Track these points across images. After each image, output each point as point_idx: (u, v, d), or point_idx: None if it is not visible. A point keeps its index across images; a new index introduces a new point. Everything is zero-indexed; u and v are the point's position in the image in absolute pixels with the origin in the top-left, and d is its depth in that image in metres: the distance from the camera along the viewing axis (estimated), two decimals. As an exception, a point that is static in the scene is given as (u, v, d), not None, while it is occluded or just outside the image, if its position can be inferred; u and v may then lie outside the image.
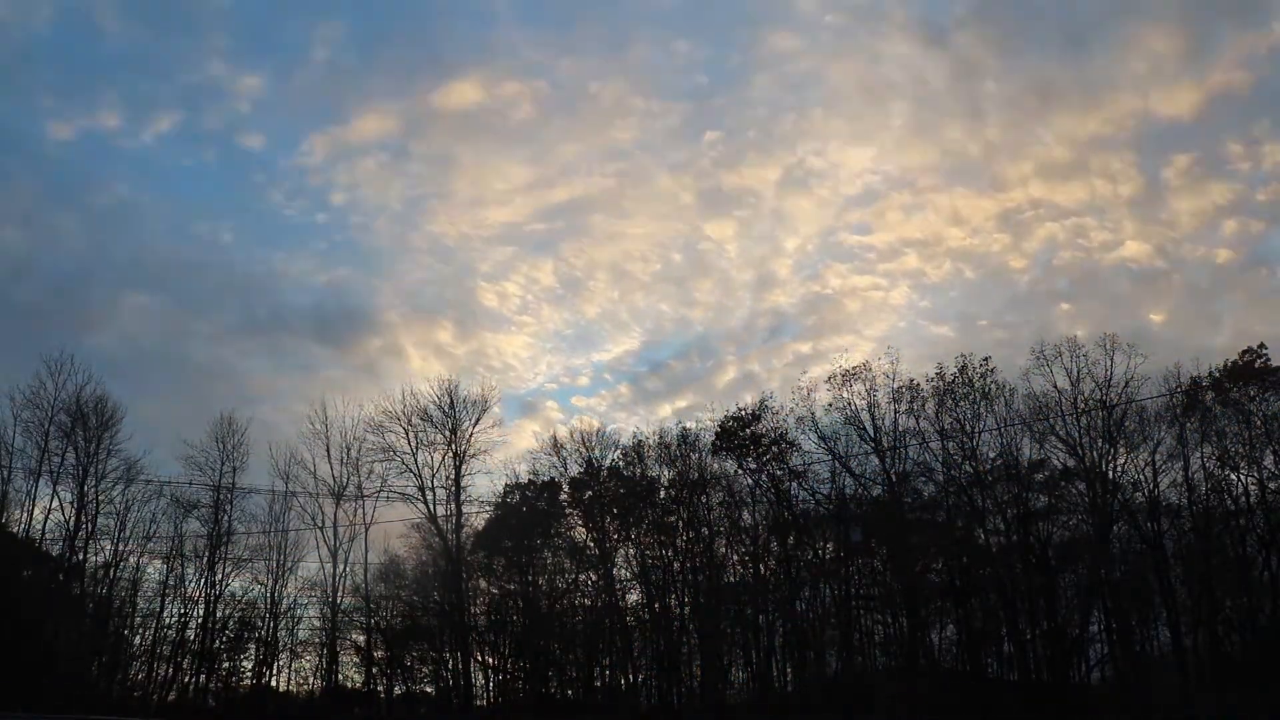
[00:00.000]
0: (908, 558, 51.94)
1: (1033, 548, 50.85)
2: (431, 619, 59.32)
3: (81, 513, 54.01)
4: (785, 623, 56.21)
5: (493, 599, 61.66)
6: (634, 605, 59.84)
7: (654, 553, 58.87)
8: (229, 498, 57.70)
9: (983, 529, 52.75)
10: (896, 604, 54.01)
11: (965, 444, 52.34)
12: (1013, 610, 51.19)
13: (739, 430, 56.99)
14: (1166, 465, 49.55)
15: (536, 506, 61.48)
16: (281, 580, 57.95)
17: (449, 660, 59.53)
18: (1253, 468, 48.76)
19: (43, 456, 53.64)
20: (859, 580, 56.66)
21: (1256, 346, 50.41)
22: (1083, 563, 50.88)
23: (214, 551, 56.99)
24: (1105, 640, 51.14)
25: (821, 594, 56.44)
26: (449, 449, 57.99)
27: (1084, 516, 50.79)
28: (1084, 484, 50.53)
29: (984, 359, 52.46)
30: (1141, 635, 52.01)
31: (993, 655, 53.62)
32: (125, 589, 56.48)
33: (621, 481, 59.76)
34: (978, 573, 51.77)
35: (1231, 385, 49.54)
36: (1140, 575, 49.92)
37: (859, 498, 55.51)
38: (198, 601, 57.07)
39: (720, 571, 58.20)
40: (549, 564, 61.22)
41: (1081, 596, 51.13)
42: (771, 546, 57.77)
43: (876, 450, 53.60)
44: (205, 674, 56.82)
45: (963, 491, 52.83)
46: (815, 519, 57.11)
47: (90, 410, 54.82)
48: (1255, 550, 48.71)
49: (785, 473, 56.68)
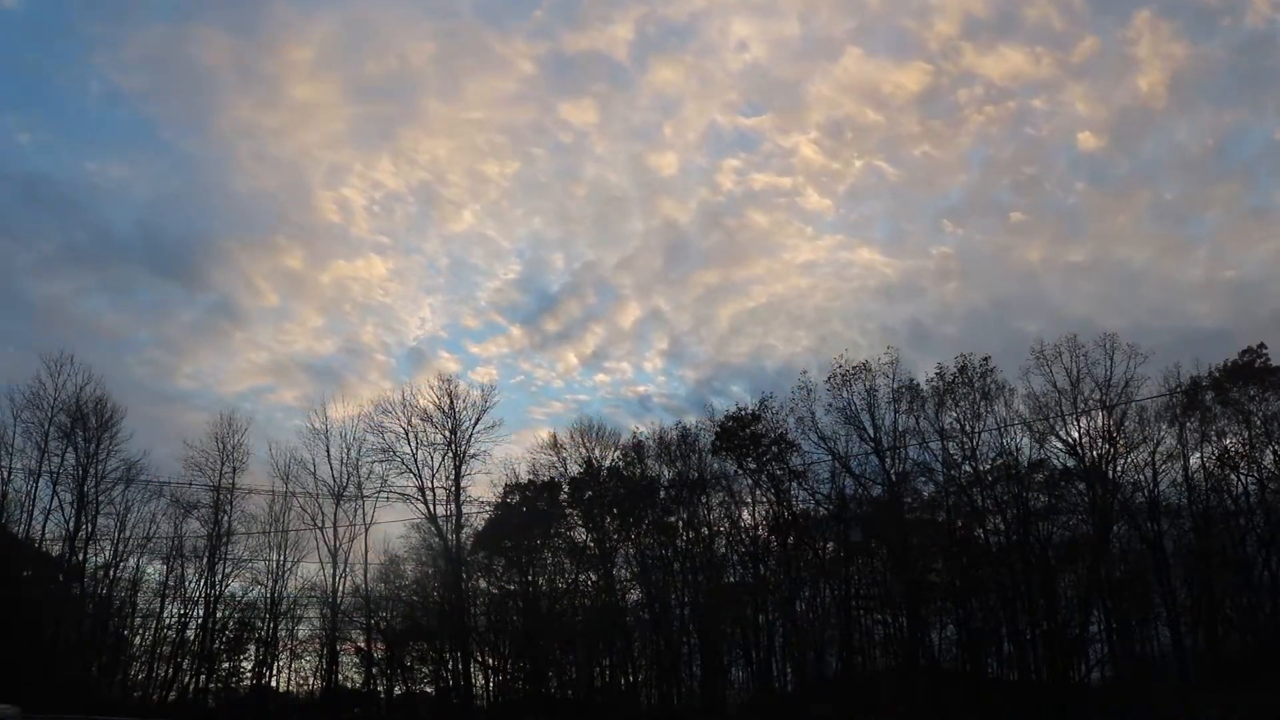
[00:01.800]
0: (908, 558, 51.97)
1: (1033, 548, 50.87)
2: (431, 619, 59.29)
3: (81, 513, 53.98)
4: (785, 623, 56.25)
5: (493, 599, 61.66)
6: (634, 605, 59.84)
7: (654, 553, 58.89)
8: (229, 498, 57.67)
9: (983, 529, 52.84)
10: (896, 604, 54.05)
11: (965, 444, 52.46)
12: (1013, 610, 51.23)
13: (739, 430, 57.05)
14: (1166, 465, 49.78)
15: (536, 506, 61.43)
16: (281, 580, 57.96)
17: (449, 660, 59.49)
18: (1253, 468, 48.91)
19: (42, 457, 53.62)
20: (859, 580, 56.70)
21: (1256, 347, 50.54)
22: (1083, 563, 50.90)
23: (214, 552, 56.96)
24: (1105, 640, 51.23)
25: (821, 594, 56.51)
26: (449, 449, 57.99)
27: (1084, 516, 50.85)
28: (1084, 484, 50.59)
29: (984, 359, 52.75)
30: (1141, 635, 52.09)
31: (993, 655, 53.66)
32: (125, 589, 56.44)
33: (621, 481, 59.78)
34: (978, 573, 51.76)
35: (1231, 385, 49.60)
36: (1140, 575, 50.01)
37: (859, 498, 55.60)
38: (198, 602, 57.08)
39: (720, 571, 58.24)
40: (549, 564, 61.25)
41: (1081, 596, 51.16)
42: (771, 546, 57.81)
43: (876, 450, 53.68)
44: (205, 674, 56.81)
45: (963, 491, 52.89)
46: (815, 519, 57.17)
47: (90, 411, 54.81)
48: (1255, 550, 48.77)
49: (785, 473, 56.76)
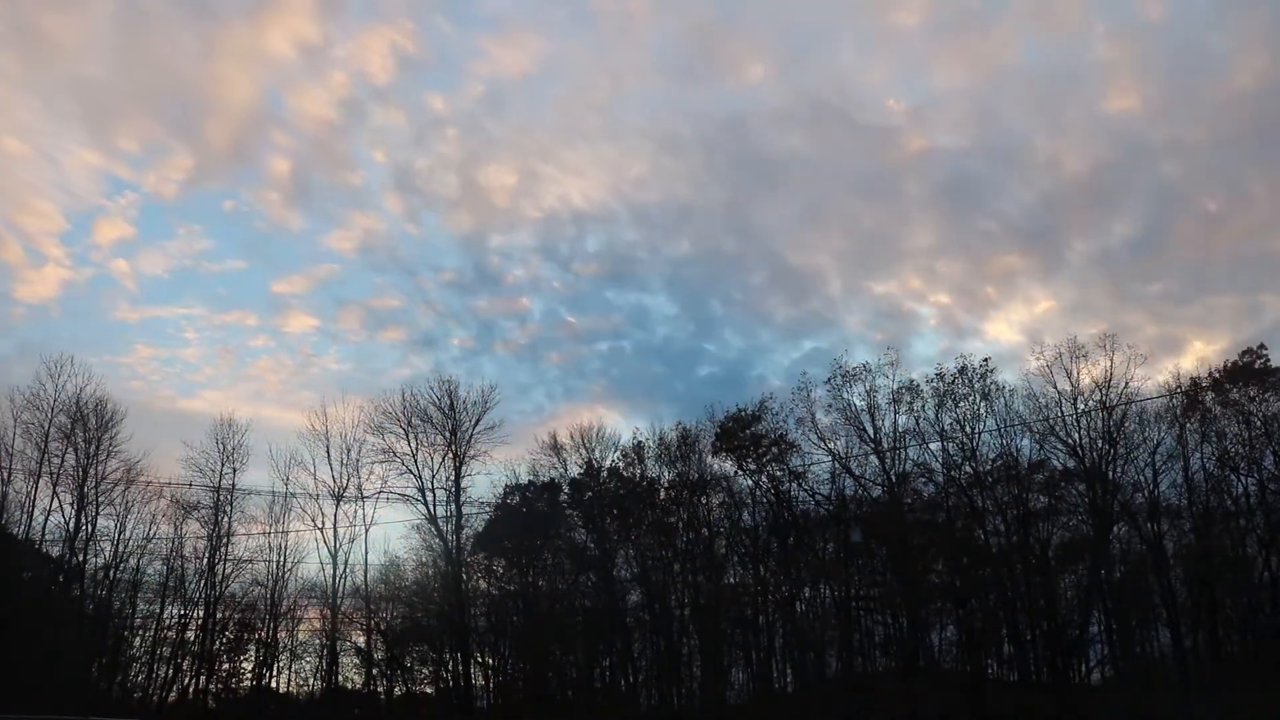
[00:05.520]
0: (908, 558, 51.97)
1: (1033, 548, 50.87)
2: (431, 620, 59.28)
3: (81, 514, 53.94)
4: (785, 623, 56.25)
5: (493, 600, 61.65)
6: (634, 606, 59.83)
7: (654, 553, 58.89)
8: (229, 499, 57.67)
9: (983, 530, 52.82)
10: (897, 605, 54.05)
11: (965, 445, 52.45)
12: (1013, 611, 51.28)
13: (739, 431, 57.01)
14: (1166, 466, 49.74)
15: (536, 507, 61.45)
16: (281, 581, 57.98)
17: (449, 661, 59.51)
18: (1252, 468, 48.89)
19: (42, 458, 53.48)
20: (859, 581, 56.69)
21: (1256, 347, 50.56)
22: (1083, 563, 50.97)
23: (214, 553, 56.98)
24: (1105, 641, 51.24)
25: (822, 595, 56.53)
26: (449, 450, 57.93)
27: (1084, 517, 50.88)
28: (1084, 485, 50.58)
29: (984, 359, 52.85)
30: (1141, 636, 52.12)
31: (993, 656, 53.70)
32: (125, 590, 56.39)
33: (621, 482, 59.81)
34: (978, 573, 51.77)
35: (1231, 386, 49.62)
36: (1140, 576, 49.99)
37: (859, 498, 55.57)
38: (198, 603, 57.05)
39: (720, 572, 58.24)
40: (549, 565, 61.23)
41: (1081, 597, 51.23)
42: (771, 547, 57.80)
43: (876, 451, 53.69)
44: (205, 675, 56.81)
45: (963, 492, 52.87)
46: (815, 520, 57.12)
47: (90, 412, 54.70)
48: (1255, 550, 48.79)
49: (785, 473, 56.78)
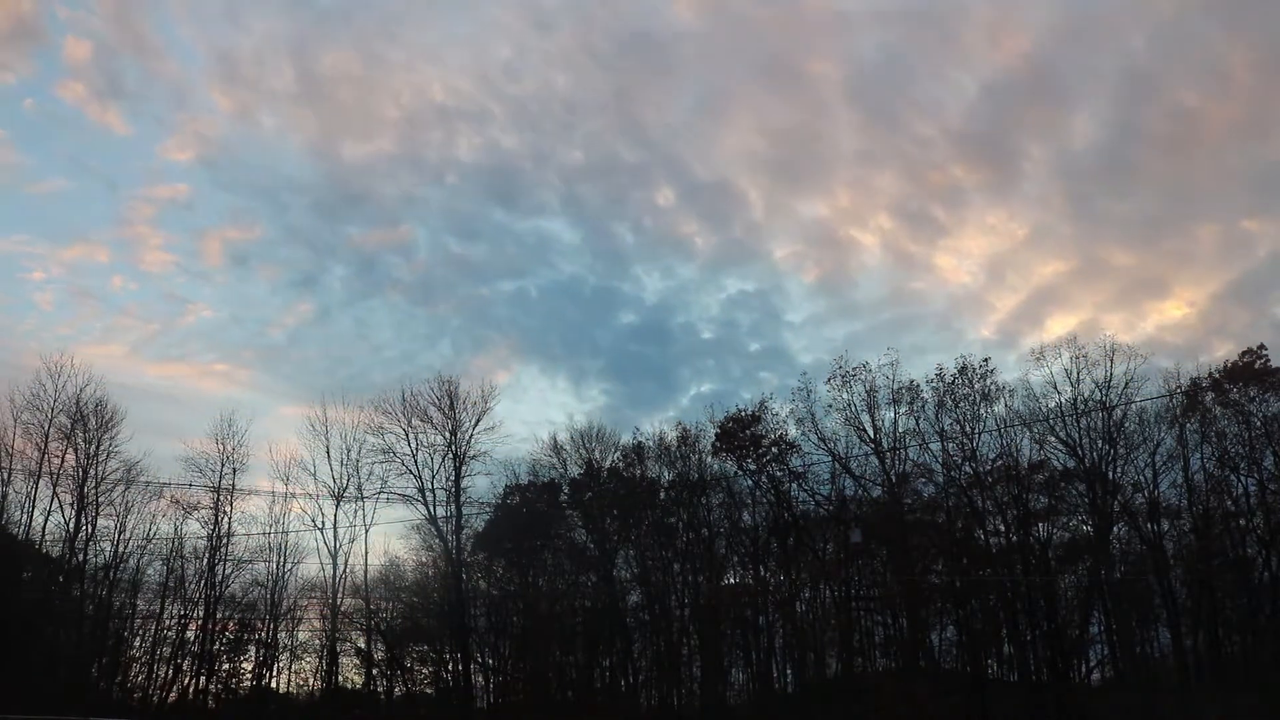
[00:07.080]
0: (908, 559, 51.96)
1: (1033, 548, 50.89)
2: (431, 620, 59.27)
3: (81, 514, 53.93)
4: (785, 623, 56.24)
5: (493, 600, 61.64)
6: (634, 606, 59.83)
7: (654, 553, 58.89)
8: (229, 499, 57.63)
9: (983, 530, 52.84)
10: (897, 605, 54.03)
11: (965, 445, 52.40)
12: (1013, 611, 51.24)
13: (739, 431, 56.94)
14: (1166, 466, 49.76)
15: (536, 508, 61.43)
16: (281, 582, 57.95)
17: (449, 661, 59.49)
18: (1253, 469, 48.89)
19: (42, 458, 53.54)
20: (859, 581, 56.74)
21: (1256, 348, 50.54)
22: (1083, 563, 50.95)
23: (214, 553, 56.94)
24: (1105, 641, 51.27)
25: (821, 595, 56.56)
26: (449, 450, 57.90)
27: (1084, 518, 50.95)
28: (1084, 485, 50.57)
29: (984, 359, 52.80)
30: (1141, 636, 52.18)
31: (993, 656, 53.69)
32: (125, 591, 56.40)
33: (621, 482, 59.77)
34: (978, 573, 51.74)
35: (1231, 386, 49.61)
36: (1140, 576, 49.99)
37: (859, 499, 55.52)
38: (198, 603, 57.04)
39: (720, 572, 58.25)
40: (549, 565, 61.22)
41: (1081, 597, 51.19)
42: (771, 547, 57.79)
43: (876, 451, 53.62)
44: (205, 676, 56.76)
45: (963, 492, 52.84)
46: (815, 520, 57.10)
47: (90, 412, 54.72)
48: (1255, 551, 48.83)
49: (785, 474, 56.73)
